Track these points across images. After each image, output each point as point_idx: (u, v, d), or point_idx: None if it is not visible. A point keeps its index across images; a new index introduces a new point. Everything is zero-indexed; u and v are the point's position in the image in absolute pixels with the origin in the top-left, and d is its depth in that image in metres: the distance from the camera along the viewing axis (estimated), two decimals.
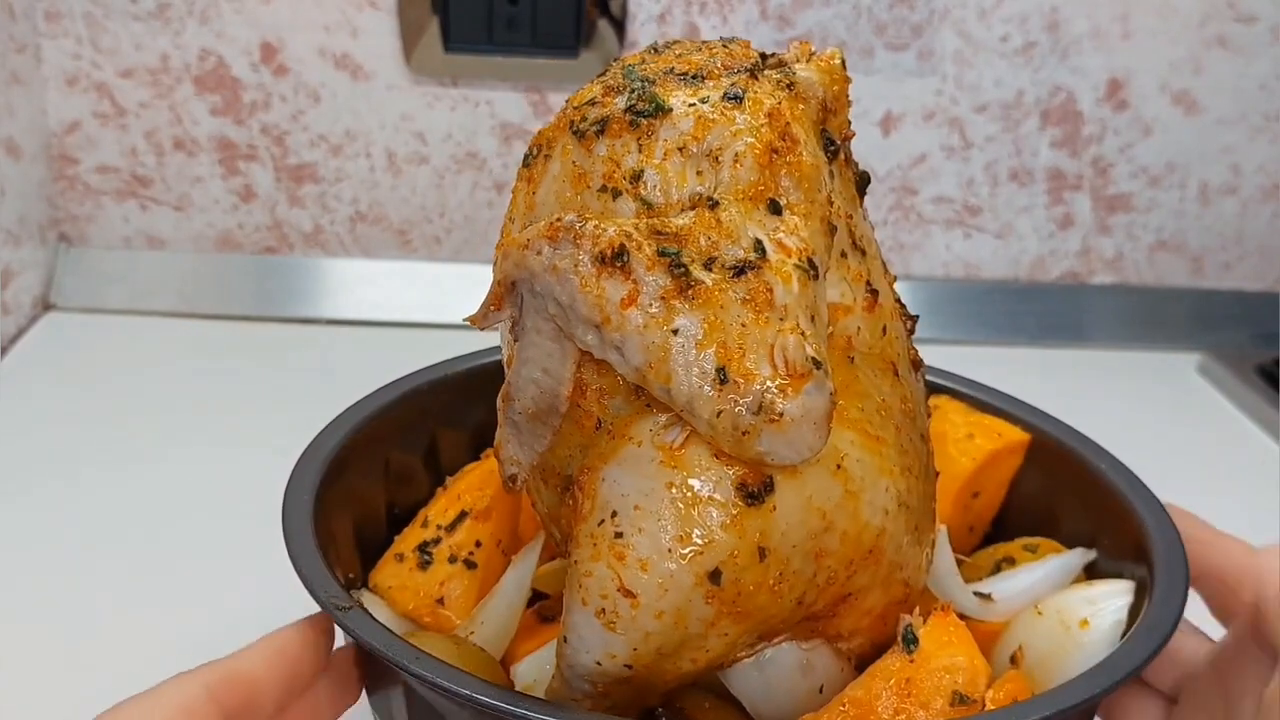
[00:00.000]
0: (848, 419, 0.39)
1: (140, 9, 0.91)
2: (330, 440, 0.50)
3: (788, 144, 0.38)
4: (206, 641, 0.61)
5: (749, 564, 0.37)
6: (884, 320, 0.42)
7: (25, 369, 0.87)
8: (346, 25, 0.92)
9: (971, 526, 0.54)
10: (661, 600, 0.37)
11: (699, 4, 0.93)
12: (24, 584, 0.64)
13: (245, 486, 0.73)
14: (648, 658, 0.38)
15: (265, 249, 0.99)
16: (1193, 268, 1.05)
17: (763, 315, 0.36)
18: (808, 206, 0.38)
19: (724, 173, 0.37)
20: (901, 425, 0.41)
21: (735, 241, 0.37)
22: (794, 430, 0.35)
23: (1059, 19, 0.95)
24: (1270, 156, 1.01)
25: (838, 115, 0.42)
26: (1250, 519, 0.54)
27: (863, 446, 0.39)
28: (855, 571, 0.39)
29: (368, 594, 0.49)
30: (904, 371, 0.43)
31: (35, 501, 0.71)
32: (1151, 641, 0.40)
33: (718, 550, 0.36)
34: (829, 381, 0.36)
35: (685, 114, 0.38)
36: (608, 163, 0.39)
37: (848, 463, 0.38)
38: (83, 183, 0.96)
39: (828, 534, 0.38)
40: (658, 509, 0.37)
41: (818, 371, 0.35)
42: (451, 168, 0.97)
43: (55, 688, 0.57)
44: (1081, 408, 0.56)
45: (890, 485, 0.40)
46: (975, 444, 0.53)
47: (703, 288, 0.36)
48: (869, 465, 0.39)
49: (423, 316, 0.97)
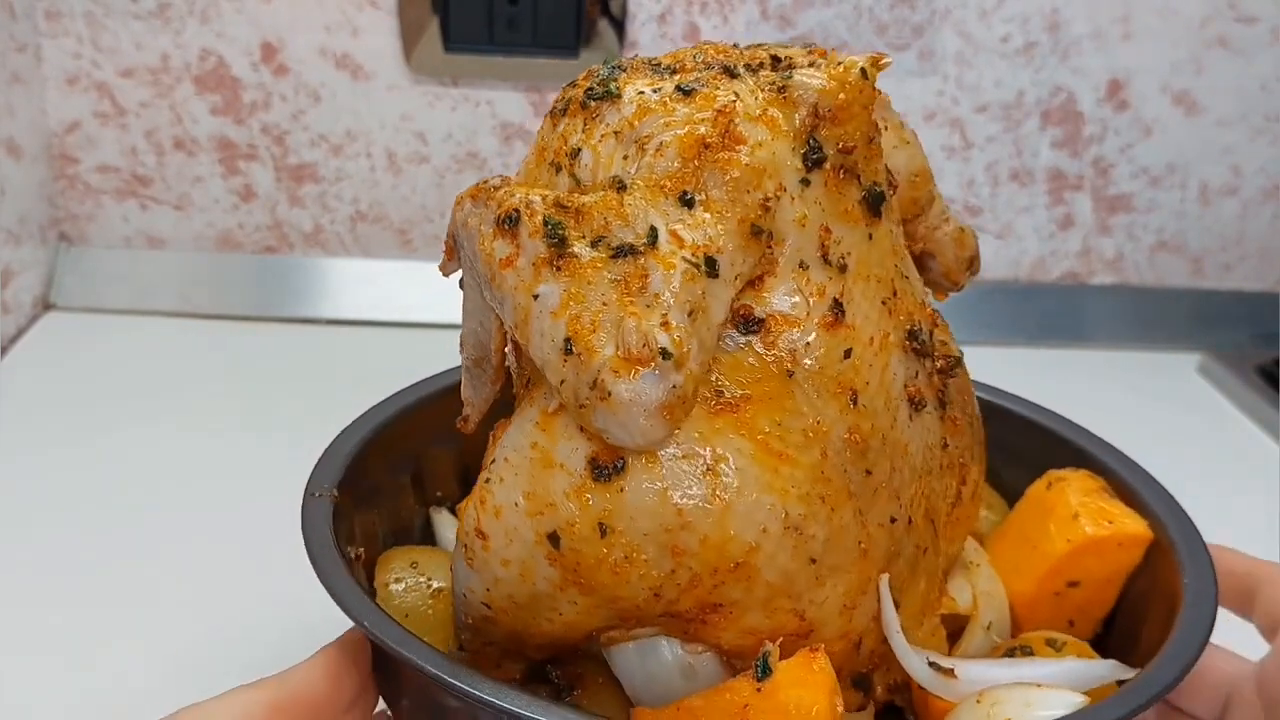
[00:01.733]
0: (749, 428, 0.38)
1: (140, 8, 0.91)
2: (347, 444, 0.49)
3: (726, 141, 0.38)
4: (207, 642, 0.61)
5: (589, 537, 0.38)
6: (851, 344, 0.40)
7: (25, 369, 0.87)
8: (347, 25, 0.92)
9: (1072, 620, 0.48)
10: (507, 549, 0.39)
11: (699, 4, 0.93)
12: (24, 583, 0.64)
13: (246, 486, 0.74)
14: (503, 602, 0.40)
15: (265, 249, 0.99)
16: (1193, 268, 1.05)
17: (628, 298, 0.36)
18: (726, 205, 0.38)
19: (645, 159, 0.38)
20: (834, 454, 0.39)
21: (629, 225, 0.37)
22: (624, 413, 0.36)
23: (1060, 19, 0.95)
24: (1271, 157, 1.01)
25: (839, 125, 0.40)
26: (1250, 519, 0.54)
27: (754, 459, 0.38)
28: (723, 582, 0.39)
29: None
30: (875, 403, 0.40)
31: (35, 501, 0.71)
32: (1176, 667, 0.40)
33: (557, 516, 0.38)
34: (677, 375, 0.36)
35: (630, 101, 0.40)
36: (559, 139, 0.41)
37: (724, 468, 0.38)
38: (83, 182, 0.96)
39: (685, 532, 0.38)
40: (518, 464, 0.39)
41: (663, 361, 0.36)
42: (452, 167, 0.97)
43: (55, 688, 0.57)
44: (1082, 408, 0.56)
45: (776, 505, 0.38)
46: (1076, 526, 0.48)
47: (573, 261, 0.37)
48: (752, 478, 0.38)
49: (423, 316, 0.97)
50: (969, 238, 0.50)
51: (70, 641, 0.60)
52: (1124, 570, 0.48)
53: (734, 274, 0.38)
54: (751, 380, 0.39)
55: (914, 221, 0.48)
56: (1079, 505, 0.48)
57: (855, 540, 0.40)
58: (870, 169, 0.41)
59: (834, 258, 0.40)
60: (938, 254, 0.49)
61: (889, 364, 0.41)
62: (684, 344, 0.36)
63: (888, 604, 0.41)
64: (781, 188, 0.39)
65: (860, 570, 0.40)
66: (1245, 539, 0.51)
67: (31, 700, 0.56)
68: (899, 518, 0.41)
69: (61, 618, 0.62)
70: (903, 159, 0.46)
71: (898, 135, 0.46)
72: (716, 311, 0.38)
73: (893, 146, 0.45)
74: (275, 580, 0.64)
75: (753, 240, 0.38)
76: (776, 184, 0.39)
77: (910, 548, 0.42)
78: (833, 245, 0.40)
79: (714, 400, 0.38)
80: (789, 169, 0.39)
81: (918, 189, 0.47)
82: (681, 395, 0.37)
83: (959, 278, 0.50)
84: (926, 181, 0.47)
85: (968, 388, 0.48)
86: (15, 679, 0.57)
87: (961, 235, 0.50)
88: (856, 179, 0.41)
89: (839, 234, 0.40)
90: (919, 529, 0.43)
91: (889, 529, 0.41)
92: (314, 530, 0.44)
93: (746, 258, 0.38)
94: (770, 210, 0.38)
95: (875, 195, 0.41)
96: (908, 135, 0.47)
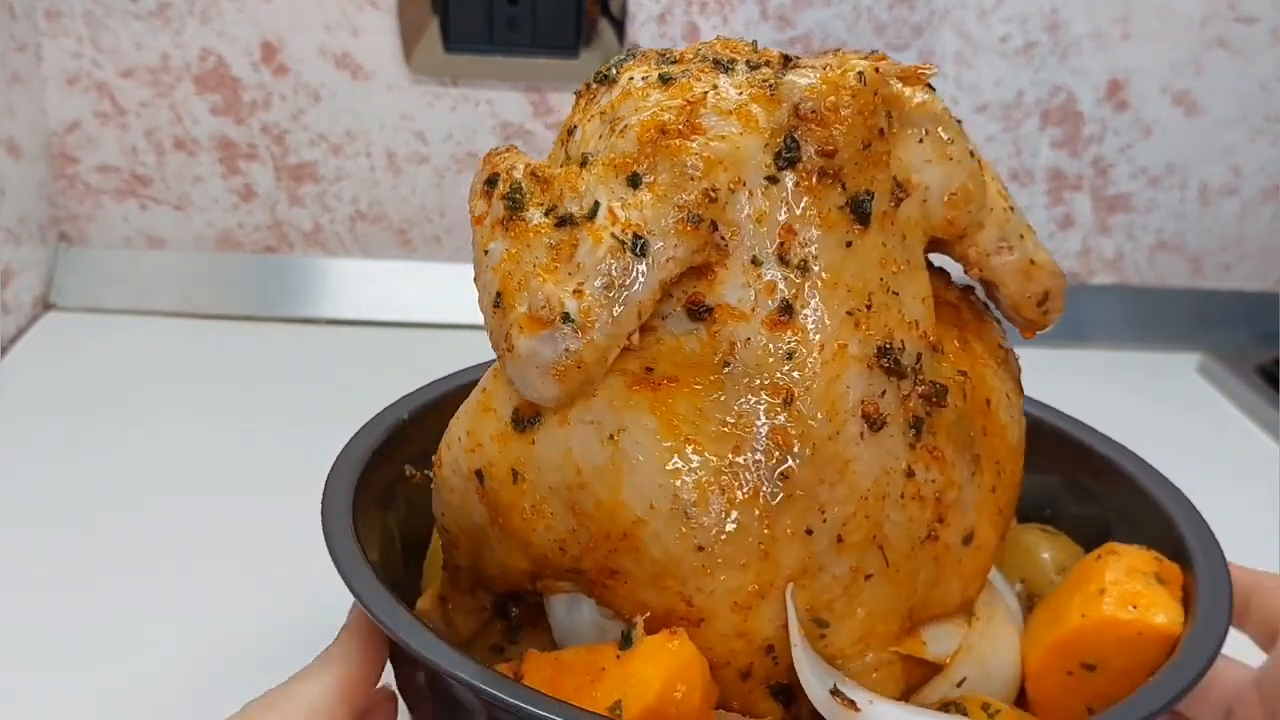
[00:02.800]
0: (664, 408, 0.39)
1: (140, 8, 0.91)
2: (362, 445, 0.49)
3: (684, 129, 0.39)
4: (210, 641, 0.61)
5: (504, 480, 0.41)
6: (796, 346, 0.39)
7: (25, 369, 0.87)
8: (347, 25, 0.92)
9: (1091, 709, 0.44)
10: (451, 478, 0.43)
11: (699, 4, 0.93)
12: (24, 583, 0.64)
13: (246, 486, 0.74)
14: (454, 528, 0.44)
15: (265, 248, 0.99)
16: (1193, 268, 1.05)
17: (555, 264, 0.39)
18: (668, 190, 0.39)
19: (611, 139, 0.41)
20: (750, 451, 0.39)
21: (579, 198, 0.40)
22: (522, 368, 0.39)
23: (1059, 19, 0.95)
24: (1270, 157, 1.01)
25: (825, 127, 0.40)
26: (1250, 519, 0.54)
27: (656, 437, 0.39)
28: (615, 549, 0.40)
29: None
30: (813, 411, 0.39)
31: (35, 501, 0.71)
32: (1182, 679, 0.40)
33: (483, 455, 0.42)
34: (574, 340, 0.38)
35: (621, 86, 0.42)
36: (570, 117, 0.45)
37: (625, 439, 0.39)
38: (83, 182, 0.96)
39: (583, 492, 0.40)
40: (470, 404, 0.43)
41: (563, 325, 0.38)
42: (452, 167, 0.97)
43: (55, 689, 0.57)
44: (1082, 408, 0.56)
45: (668, 485, 0.39)
46: (1097, 603, 0.44)
47: (520, 224, 0.40)
48: (651, 454, 0.39)
49: (423, 316, 0.97)
50: (1040, 272, 0.46)
51: (71, 642, 0.60)
52: (1147, 665, 0.43)
53: (665, 257, 0.39)
54: (685, 364, 0.40)
55: (958, 244, 0.45)
56: (1111, 582, 0.44)
57: (755, 540, 0.40)
58: (862, 176, 0.41)
59: (794, 259, 0.40)
60: (1000, 285, 0.46)
61: (841, 376, 0.40)
62: (591, 313, 0.38)
63: (791, 614, 0.40)
64: (739, 181, 0.40)
65: (759, 572, 0.40)
66: (1245, 539, 0.51)
67: (32, 702, 0.56)
68: (820, 532, 0.40)
69: (62, 618, 0.62)
70: (937, 175, 0.43)
71: (937, 149, 0.43)
72: (638, 290, 0.39)
73: (925, 160, 0.43)
74: (277, 579, 0.64)
75: (689, 227, 0.39)
76: (733, 177, 0.40)
77: (842, 568, 0.41)
78: (796, 247, 0.40)
79: (639, 375, 0.40)
80: (753, 165, 0.40)
81: (956, 208, 0.43)
82: (577, 360, 0.39)
83: (1030, 314, 0.46)
84: (967, 202, 0.44)
85: (982, 427, 0.44)
86: (15, 680, 0.57)
87: (1030, 268, 0.46)
88: (840, 184, 0.40)
89: (806, 237, 0.40)
90: (857, 551, 0.41)
91: (805, 540, 0.40)
92: (334, 522, 0.44)
93: (682, 243, 0.39)
94: (717, 201, 0.39)
95: (861, 203, 0.41)
96: (953, 151, 0.43)
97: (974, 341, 0.46)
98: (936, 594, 0.44)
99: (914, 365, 0.41)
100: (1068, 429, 0.54)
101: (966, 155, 0.44)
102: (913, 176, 0.43)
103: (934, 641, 0.44)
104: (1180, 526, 0.47)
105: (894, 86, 0.42)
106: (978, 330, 0.47)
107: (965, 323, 0.46)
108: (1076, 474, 0.53)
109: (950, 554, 0.43)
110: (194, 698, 0.56)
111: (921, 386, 0.41)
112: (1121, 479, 0.51)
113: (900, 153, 0.42)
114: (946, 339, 0.44)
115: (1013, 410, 0.46)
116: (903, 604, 0.43)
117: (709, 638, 0.41)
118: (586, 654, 0.41)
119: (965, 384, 0.43)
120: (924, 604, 0.44)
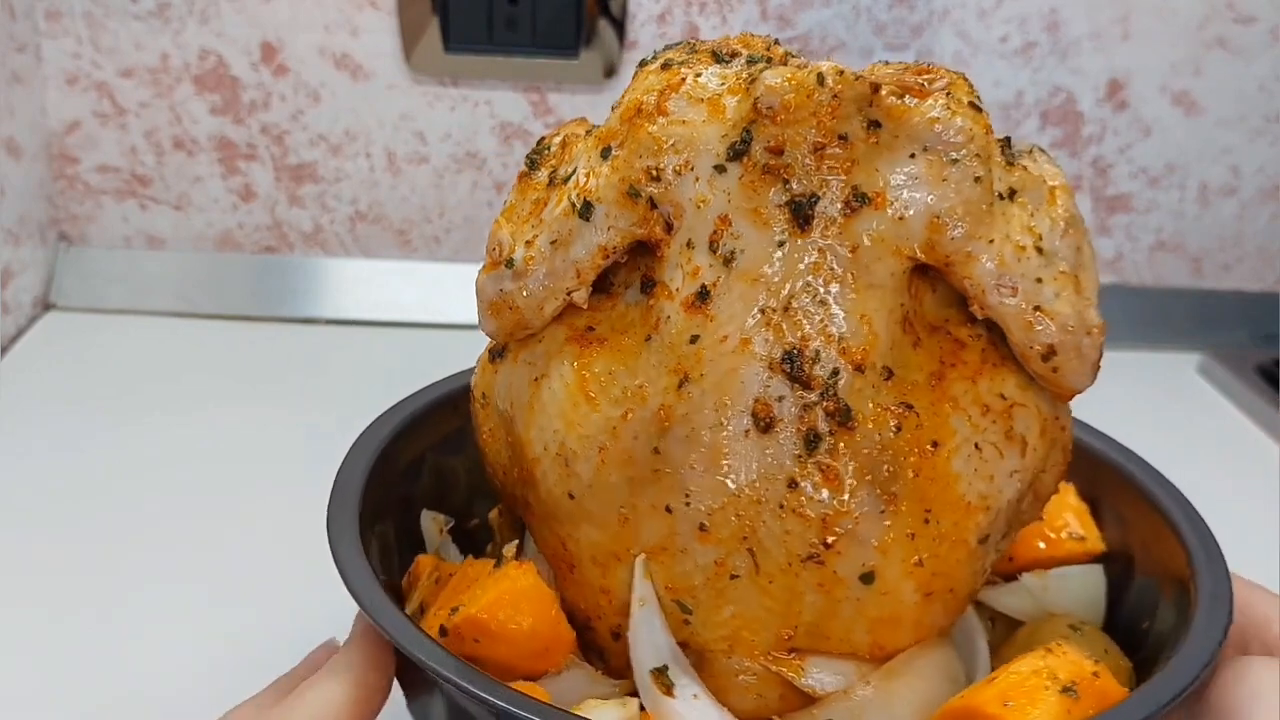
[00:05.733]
0: (583, 363, 0.42)
1: (140, 8, 0.91)
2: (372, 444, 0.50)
3: (653, 111, 0.42)
4: (213, 641, 0.61)
5: (480, 402, 0.47)
6: (701, 331, 0.40)
7: (25, 369, 0.87)
8: (346, 25, 0.92)
9: None
10: (474, 399, 0.48)
11: (699, 4, 0.93)
12: (23, 583, 0.64)
13: (246, 486, 0.74)
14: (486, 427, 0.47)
15: (265, 249, 0.99)
16: (1193, 268, 1.05)
17: (531, 216, 0.44)
18: (621, 164, 0.42)
19: (611, 116, 0.43)
20: (636, 420, 0.41)
21: (571, 165, 0.43)
22: (477, 300, 0.44)
23: (1059, 20, 0.95)
24: (1270, 157, 1.01)
25: (778, 125, 0.40)
26: (1250, 519, 0.54)
27: (567, 388, 0.42)
28: (524, 481, 0.44)
29: None
30: (702, 398, 0.40)
31: (35, 501, 0.71)
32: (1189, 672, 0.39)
33: (479, 379, 0.47)
34: (510, 284, 0.43)
35: (640, 71, 0.44)
36: None
37: (544, 384, 0.43)
38: (83, 182, 0.96)
39: (512, 424, 0.45)
40: None
41: (505, 269, 0.43)
42: (451, 167, 0.97)
43: (54, 688, 0.57)
44: (1082, 408, 0.56)
45: (560, 433, 0.42)
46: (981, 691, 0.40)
47: (527, 180, 0.45)
48: (558, 403, 0.43)
49: (423, 316, 0.97)
50: (1047, 323, 0.42)
51: (71, 643, 0.60)
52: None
53: (607, 225, 0.42)
54: (619, 330, 0.43)
55: (952, 275, 0.42)
56: (1009, 674, 0.40)
57: (616, 504, 0.42)
58: (811, 178, 0.40)
59: (721, 248, 0.40)
60: (1005, 329, 0.42)
61: (739, 370, 0.40)
62: (532, 262, 0.43)
63: (637, 582, 0.42)
64: (688, 165, 0.41)
65: (616, 536, 0.42)
66: (1245, 539, 0.51)
67: (33, 702, 0.56)
68: (681, 515, 0.41)
69: (62, 619, 0.62)
70: (924, 195, 0.40)
71: (932, 169, 0.40)
72: (577, 249, 0.42)
73: (912, 178, 0.40)
74: (278, 579, 0.64)
75: (629, 200, 0.41)
76: (682, 160, 0.41)
77: (705, 558, 0.41)
78: (726, 237, 0.40)
79: (579, 332, 0.43)
80: (706, 152, 0.41)
81: (937, 233, 0.40)
82: (509, 302, 0.43)
83: (1036, 367, 0.42)
84: (951, 229, 0.40)
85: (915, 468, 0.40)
86: (15, 680, 0.57)
87: (1033, 317, 0.42)
88: (784, 182, 0.40)
89: (739, 229, 0.40)
90: (723, 547, 0.41)
91: (664, 517, 0.41)
92: (342, 540, 0.44)
93: (623, 214, 0.42)
94: (660, 180, 0.41)
95: (801, 205, 0.40)
96: (951, 174, 0.40)
97: (958, 382, 0.42)
98: (834, 627, 0.42)
99: (827, 379, 0.40)
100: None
101: (969, 181, 0.40)
102: (887, 192, 0.40)
103: (817, 673, 0.43)
104: (1187, 540, 0.46)
105: (886, 98, 0.40)
106: (977, 372, 0.42)
107: (964, 362, 0.42)
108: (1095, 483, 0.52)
109: (843, 588, 0.41)
110: (194, 700, 0.56)
111: (829, 403, 0.40)
112: (1127, 484, 0.51)
113: (880, 164, 0.40)
114: (909, 368, 0.41)
115: (981, 465, 0.41)
116: (777, 619, 0.42)
117: (580, 586, 0.44)
118: (470, 565, 0.46)
119: (904, 417, 0.40)
120: (816, 632, 0.42)
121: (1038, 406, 0.43)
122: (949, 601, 0.43)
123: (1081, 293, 0.42)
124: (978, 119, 0.40)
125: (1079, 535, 0.51)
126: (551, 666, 0.43)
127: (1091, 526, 0.52)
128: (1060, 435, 0.45)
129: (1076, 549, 0.51)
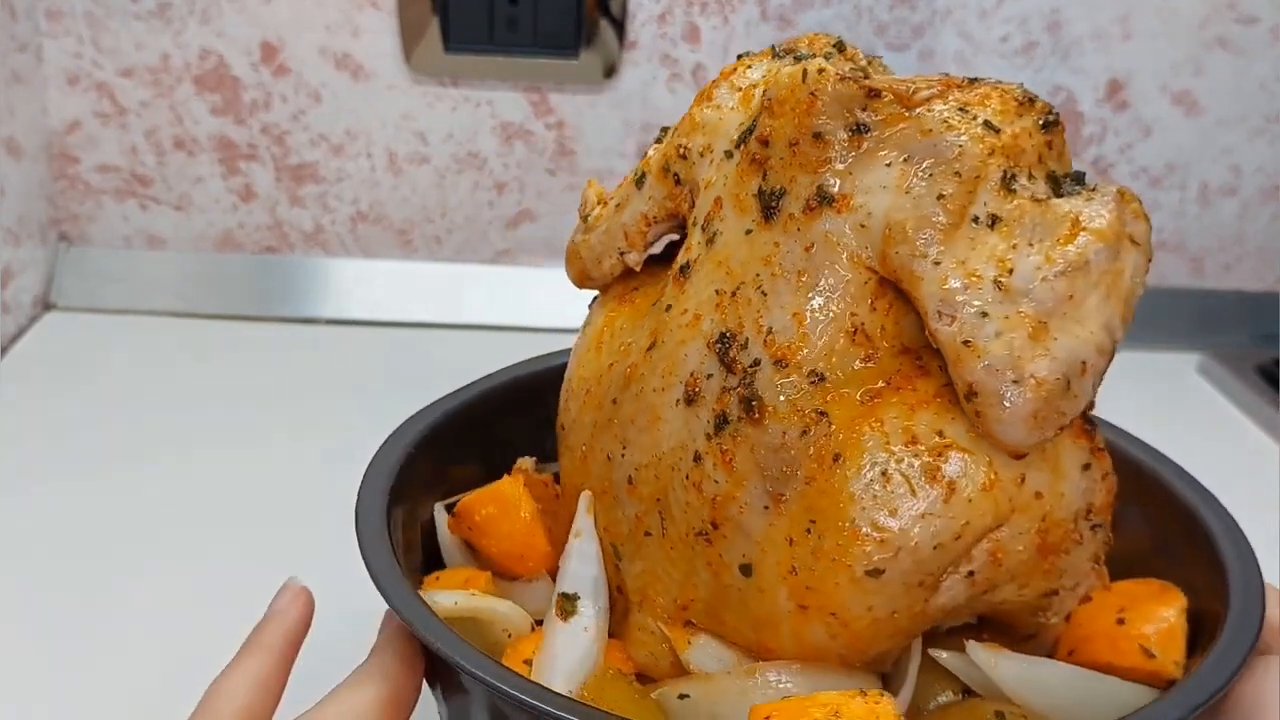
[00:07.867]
0: (611, 317, 0.47)
1: (141, 8, 0.91)
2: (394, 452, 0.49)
3: (703, 97, 0.45)
4: (216, 644, 0.61)
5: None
6: (673, 303, 0.43)
7: (25, 369, 0.87)
8: (347, 25, 0.92)
9: None
10: None
11: (699, 4, 0.93)
12: (23, 583, 0.64)
13: (246, 486, 0.74)
14: None
15: (266, 249, 0.99)
16: (1193, 268, 1.05)
17: (625, 182, 0.48)
18: (669, 140, 0.46)
19: None
20: (615, 372, 0.45)
21: None
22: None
23: (1060, 20, 0.95)
24: (1270, 157, 1.01)
25: (772, 118, 0.40)
26: (1250, 519, 0.54)
27: (594, 336, 0.48)
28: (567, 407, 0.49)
29: None
30: (657, 362, 0.43)
31: (35, 501, 0.71)
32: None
33: None
34: (579, 235, 0.48)
35: None
36: None
37: (587, 328, 0.49)
38: (83, 182, 0.96)
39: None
40: None
41: (580, 223, 0.48)
42: (452, 167, 0.97)
43: (54, 690, 0.57)
44: None
45: (572, 369, 0.48)
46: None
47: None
48: (582, 346, 0.48)
49: (423, 316, 0.97)
50: (970, 360, 0.38)
51: (71, 644, 0.60)
52: None
53: (648, 195, 0.46)
54: (650, 294, 0.46)
55: (905, 290, 0.40)
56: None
57: (581, 441, 0.46)
58: (784, 173, 0.40)
59: (710, 228, 0.43)
60: (942, 355, 0.39)
61: (687, 343, 0.42)
62: (598, 219, 0.48)
63: (579, 513, 0.46)
64: (709, 148, 0.44)
65: (577, 468, 0.47)
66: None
67: (33, 703, 0.56)
68: (617, 464, 0.44)
69: (63, 620, 0.62)
70: (884, 203, 0.39)
71: (900, 179, 0.39)
72: (628, 214, 0.47)
73: (881, 185, 0.39)
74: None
75: (664, 175, 0.46)
76: (705, 143, 0.44)
77: (630, 510, 0.44)
78: (716, 219, 0.43)
79: (629, 289, 0.48)
80: (725, 137, 0.43)
81: (887, 244, 0.39)
82: (575, 250, 0.49)
83: (965, 406, 0.39)
84: (899, 242, 0.39)
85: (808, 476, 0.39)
86: (14, 681, 0.57)
87: (960, 351, 0.38)
88: (763, 174, 0.41)
89: (726, 213, 0.42)
90: (643, 504, 0.43)
91: (606, 464, 0.45)
92: (368, 529, 0.44)
93: (659, 187, 0.46)
94: (686, 159, 0.45)
95: (768, 197, 0.41)
96: (915, 186, 0.39)
97: (894, 407, 0.39)
98: (727, 614, 0.42)
99: (748, 367, 0.40)
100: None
101: (930, 197, 0.38)
102: (856, 196, 0.39)
103: (699, 651, 0.43)
104: (1218, 543, 0.47)
105: (882, 102, 0.39)
106: (923, 403, 0.39)
107: (914, 389, 0.40)
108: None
109: (728, 573, 0.41)
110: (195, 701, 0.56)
111: (743, 389, 0.40)
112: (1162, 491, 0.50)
113: (858, 168, 0.39)
114: (845, 380, 0.40)
115: (883, 495, 0.38)
116: (676, 586, 0.43)
117: (569, 506, 0.47)
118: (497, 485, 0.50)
119: (815, 422, 0.39)
120: (712, 613, 0.42)
121: (989, 460, 0.39)
122: (834, 628, 0.40)
123: (1039, 341, 0.38)
124: (981, 138, 0.39)
125: (1151, 653, 0.43)
126: (526, 573, 0.48)
127: (1175, 649, 0.43)
128: (1031, 503, 0.40)
129: (1139, 665, 0.43)
